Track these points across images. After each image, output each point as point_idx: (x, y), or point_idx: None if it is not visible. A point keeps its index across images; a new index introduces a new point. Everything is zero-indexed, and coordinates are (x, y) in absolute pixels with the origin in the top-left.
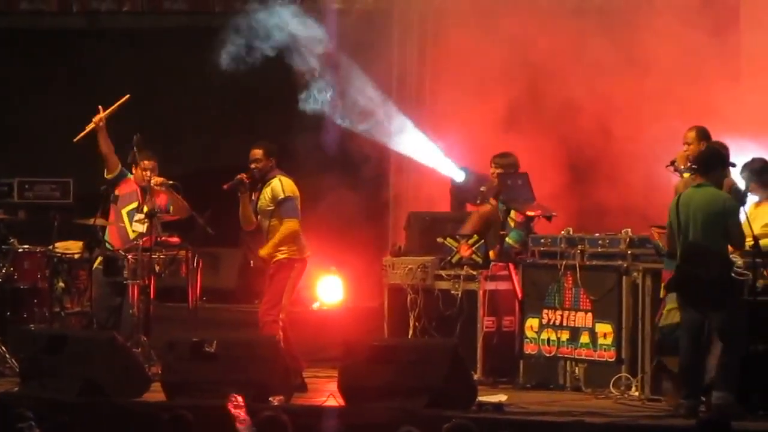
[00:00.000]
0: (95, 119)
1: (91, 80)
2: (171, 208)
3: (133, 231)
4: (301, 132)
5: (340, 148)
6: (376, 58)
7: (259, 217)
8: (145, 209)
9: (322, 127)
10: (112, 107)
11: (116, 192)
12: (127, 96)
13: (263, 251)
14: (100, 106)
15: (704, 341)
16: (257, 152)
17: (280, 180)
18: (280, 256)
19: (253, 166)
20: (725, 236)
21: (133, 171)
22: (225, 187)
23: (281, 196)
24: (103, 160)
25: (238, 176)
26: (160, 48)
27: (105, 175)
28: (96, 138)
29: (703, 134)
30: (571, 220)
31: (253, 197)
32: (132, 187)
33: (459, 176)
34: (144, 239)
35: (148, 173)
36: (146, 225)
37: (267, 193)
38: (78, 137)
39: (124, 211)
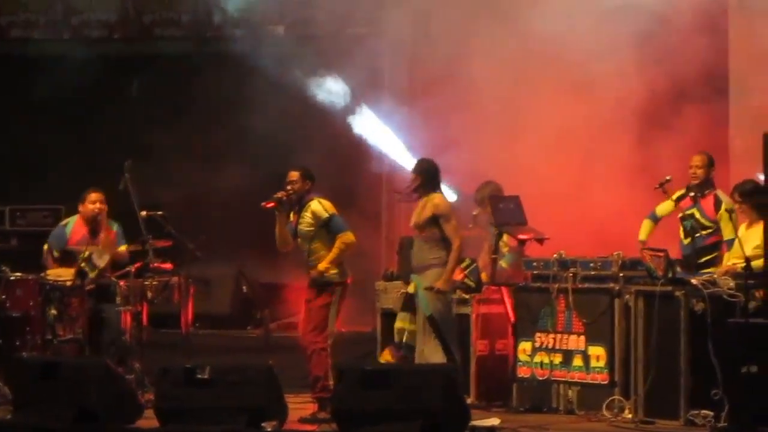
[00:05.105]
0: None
1: (81, 107)
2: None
3: (94, 268)
4: (302, 158)
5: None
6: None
7: (298, 240)
8: (87, 251)
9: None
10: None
11: (68, 246)
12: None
13: (321, 265)
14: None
15: None
16: (294, 174)
17: (319, 202)
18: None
19: (289, 188)
20: None
21: (80, 208)
22: (264, 205)
23: (325, 215)
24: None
25: (277, 194)
26: (152, 74)
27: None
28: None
29: (710, 160)
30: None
31: (291, 219)
32: (80, 230)
33: (452, 197)
34: (137, 264)
35: (98, 206)
36: (104, 259)
37: (307, 216)
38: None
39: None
